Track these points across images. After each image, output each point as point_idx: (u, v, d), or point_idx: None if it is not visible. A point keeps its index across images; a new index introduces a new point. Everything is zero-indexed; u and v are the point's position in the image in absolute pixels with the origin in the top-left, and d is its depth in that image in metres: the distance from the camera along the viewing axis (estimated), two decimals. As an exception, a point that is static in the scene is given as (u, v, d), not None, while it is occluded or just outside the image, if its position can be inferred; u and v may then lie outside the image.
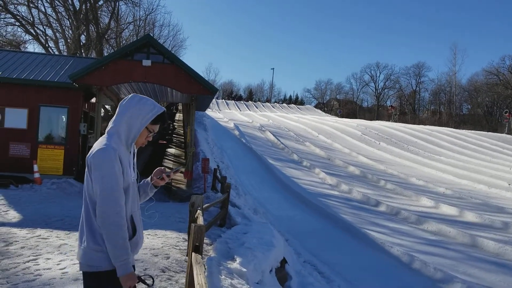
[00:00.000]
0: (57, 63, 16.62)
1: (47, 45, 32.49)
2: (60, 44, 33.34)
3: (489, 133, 41.05)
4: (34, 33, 32.19)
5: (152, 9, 43.01)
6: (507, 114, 48.12)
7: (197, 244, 3.50)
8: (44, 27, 32.85)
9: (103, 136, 2.48)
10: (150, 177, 2.73)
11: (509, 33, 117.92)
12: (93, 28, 33.18)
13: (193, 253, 3.44)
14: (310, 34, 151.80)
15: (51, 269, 5.43)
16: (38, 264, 5.61)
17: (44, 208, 10.13)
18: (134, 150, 2.55)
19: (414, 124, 48.67)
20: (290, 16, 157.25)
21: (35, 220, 8.63)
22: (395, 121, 54.30)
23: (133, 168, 2.54)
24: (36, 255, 6.02)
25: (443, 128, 42.14)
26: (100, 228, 2.30)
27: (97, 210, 2.29)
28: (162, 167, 2.76)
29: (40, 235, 7.29)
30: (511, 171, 21.96)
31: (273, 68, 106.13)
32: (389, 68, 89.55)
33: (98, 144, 2.40)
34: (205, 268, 4.23)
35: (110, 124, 2.49)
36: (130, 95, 2.56)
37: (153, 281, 2.46)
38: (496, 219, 12.92)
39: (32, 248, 6.42)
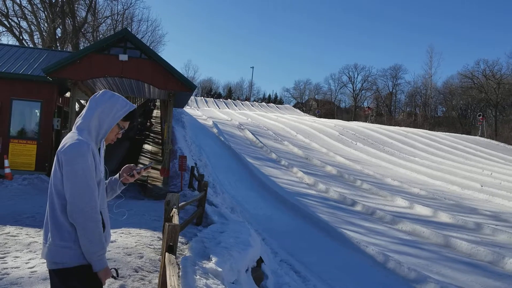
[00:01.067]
0: (30, 56, 16.19)
1: (21, 37, 31.64)
2: (35, 37, 32.53)
3: (463, 135, 41.94)
4: (8, 25, 31.29)
5: (131, 4, 42.23)
6: (481, 117, 49.25)
7: (171, 244, 3.41)
8: (19, 19, 31.99)
9: (72, 131, 2.42)
10: (118, 174, 2.68)
11: (484, 37, 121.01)
12: (69, 21, 32.45)
13: (166, 253, 3.35)
14: (289, 35, 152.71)
15: (19, 267, 5.25)
16: (6, 263, 5.41)
17: (15, 204, 9.84)
18: (103, 146, 2.49)
19: (390, 125, 49.33)
20: (269, 17, 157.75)
21: (4, 217, 8.36)
22: (372, 122, 55.00)
23: (102, 164, 2.49)
24: (4, 253, 5.81)
25: (418, 130, 42.85)
26: (68, 224, 2.24)
27: (71, 206, 2.22)
28: (132, 164, 2.72)
29: (9, 233, 7.06)
30: (484, 173, 22.45)
31: (253, 67, 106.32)
32: (367, 70, 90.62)
33: (69, 138, 2.33)
34: (179, 268, 4.13)
35: (79, 120, 2.42)
36: (101, 91, 2.51)
37: (117, 274, 2.44)
38: (469, 220, 13.15)
39: (0, 246, 6.20)
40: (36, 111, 14.64)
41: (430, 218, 13.66)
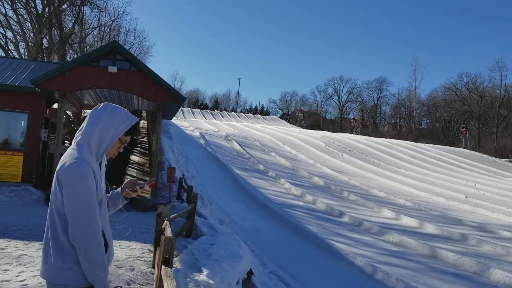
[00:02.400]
0: (18, 66, 16.08)
1: (7, 47, 31.39)
2: (21, 47, 32.30)
3: (447, 147, 42.57)
4: (-7, 35, 31.04)
5: (118, 15, 41.97)
6: (464, 129, 50.07)
7: (167, 256, 3.45)
8: (4, 29, 31.74)
9: (71, 147, 2.32)
10: (120, 188, 2.61)
11: (466, 51, 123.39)
12: (56, 32, 32.31)
13: (162, 266, 3.38)
14: (276, 47, 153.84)
15: (9, 281, 5.22)
16: (-4, 276, 5.37)
17: (2, 216, 9.72)
18: (104, 161, 2.43)
19: (375, 137, 49.86)
20: (256, 30, 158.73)
21: (-9, 229, 8.26)
22: (357, 134, 55.45)
23: (103, 180, 2.43)
24: (-7, 267, 5.76)
25: (403, 141, 43.36)
26: (69, 246, 2.18)
27: (72, 228, 2.15)
28: (134, 178, 2.66)
29: (-3, 246, 6.98)
30: (468, 185, 22.80)
31: (239, 78, 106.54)
32: (352, 82, 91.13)
33: (69, 156, 2.24)
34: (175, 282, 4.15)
35: (79, 135, 2.33)
36: (102, 104, 2.42)
37: None
38: (455, 231, 13.35)
39: (-11, 259, 6.14)
40: (23, 122, 14.52)
41: (417, 229, 13.82)
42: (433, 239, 12.69)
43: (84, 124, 2.37)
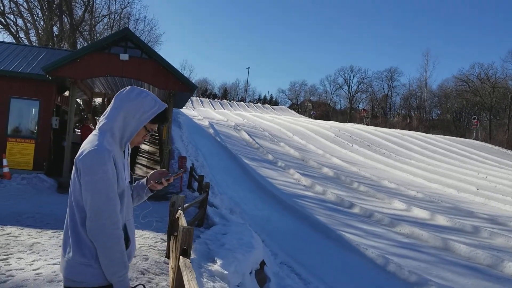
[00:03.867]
0: (29, 54, 16.07)
1: (17, 35, 31.47)
2: (31, 34, 32.36)
3: (458, 138, 42.21)
4: (4, 22, 31.12)
5: (128, 3, 41.87)
6: (475, 120, 49.59)
7: (185, 247, 3.39)
8: (15, 16, 31.83)
9: (93, 133, 2.16)
10: (145, 178, 2.44)
11: (479, 41, 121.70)
12: (66, 19, 32.31)
13: (181, 257, 3.33)
14: (285, 36, 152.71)
15: (23, 269, 5.21)
16: (10, 264, 5.37)
17: (14, 204, 9.77)
18: (128, 149, 2.28)
19: (385, 127, 49.50)
20: (266, 18, 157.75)
21: (4, 217, 8.28)
22: (367, 124, 55.11)
23: (127, 169, 2.27)
24: (7, 255, 5.77)
25: (414, 132, 43.06)
26: (89, 240, 2.03)
27: (89, 221, 2.01)
28: (162, 169, 2.49)
29: (10, 233, 7.00)
30: (479, 176, 22.59)
31: (249, 68, 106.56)
32: (362, 72, 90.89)
33: (89, 143, 2.07)
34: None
35: (103, 119, 2.16)
36: (128, 87, 2.24)
37: None
38: (467, 223, 13.23)
39: (2, 247, 6.15)
40: (34, 109, 14.54)
41: (428, 221, 13.72)
42: (445, 231, 12.58)
43: (108, 108, 2.21)
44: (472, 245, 11.14)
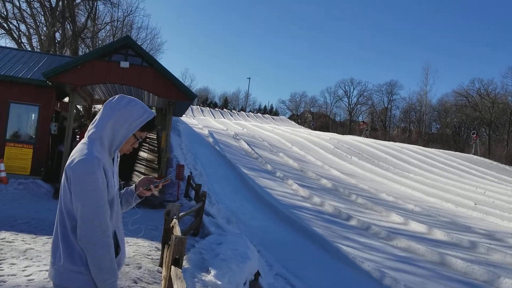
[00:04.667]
0: (30, 59, 16.14)
1: (20, 40, 31.61)
2: (34, 40, 32.51)
3: (457, 152, 42.21)
4: (6, 28, 31.26)
5: (131, 11, 42.27)
6: (475, 135, 49.65)
7: (177, 257, 3.37)
8: (18, 22, 31.99)
9: (82, 141, 2.18)
10: (134, 185, 2.48)
11: (479, 56, 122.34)
12: (69, 26, 32.48)
13: (172, 267, 3.31)
14: (287, 47, 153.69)
15: (16, 275, 5.18)
16: (2, 270, 5.35)
17: (10, 209, 9.74)
18: (117, 157, 2.29)
19: (384, 140, 49.51)
20: (267, 29, 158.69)
21: (-1, 221, 8.26)
22: (366, 137, 55.15)
23: (116, 177, 2.30)
24: (0, 260, 5.74)
25: (413, 146, 43.05)
26: (79, 247, 2.06)
27: (80, 229, 2.04)
28: (150, 176, 2.53)
29: (4, 238, 6.97)
30: (477, 191, 22.55)
31: (249, 78, 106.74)
32: (363, 85, 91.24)
33: (78, 152, 2.10)
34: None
35: (92, 128, 2.19)
36: (117, 96, 2.27)
37: None
38: (464, 238, 13.18)
39: (-4, 252, 6.12)
40: (33, 114, 14.56)
41: (425, 235, 13.66)
42: (442, 245, 12.52)
43: (97, 117, 2.23)
44: (469, 260, 11.08)
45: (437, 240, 13.18)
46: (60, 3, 31.39)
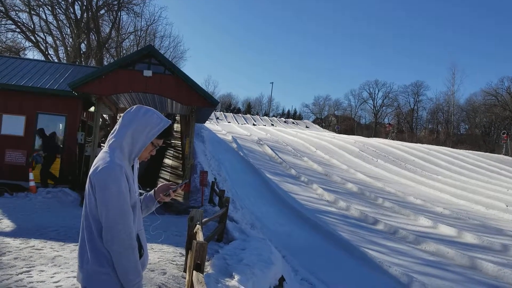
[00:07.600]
0: (56, 71, 16.56)
1: (47, 52, 32.50)
2: (60, 52, 33.38)
3: (487, 153, 41.11)
4: (34, 40, 32.21)
5: (154, 20, 42.87)
6: (505, 135, 48.24)
7: (198, 262, 3.38)
8: (45, 34, 32.93)
9: (103, 150, 2.31)
10: (153, 190, 2.61)
11: (508, 54, 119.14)
12: (93, 36, 33.24)
13: (194, 272, 3.31)
14: (309, 50, 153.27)
15: (44, 282, 5.28)
16: (32, 276, 5.45)
17: (39, 217, 9.96)
18: (136, 164, 2.41)
19: (411, 142, 48.69)
20: (290, 32, 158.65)
21: (29, 230, 8.45)
22: (393, 139, 54.32)
23: (136, 183, 2.42)
24: (30, 267, 5.86)
25: (441, 147, 42.18)
26: (106, 250, 2.17)
27: (106, 233, 2.15)
28: (169, 182, 2.64)
29: (33, 246, 7.12)
30: (509, 193, 21.91)
31: (272, 82, 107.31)
32: (388, 86, 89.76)
33: (101, 160, 2.23)
34: (207, 288, 4.08)
35: (112, 138, 2.32)
36: (134, 107, 2.41)
37: None
38: (495, 241, 12.81)
39: (26, 259, 6.25)
40: (61, 125, 14.91)
41: (455, 238, 13.34)
42: (472, 249, 12.21)
43: (117, 127, 2.36)
44: (501, 263, 10.76)
45: (467, 243, 12.86)
46: (85, 14, 32.18)
